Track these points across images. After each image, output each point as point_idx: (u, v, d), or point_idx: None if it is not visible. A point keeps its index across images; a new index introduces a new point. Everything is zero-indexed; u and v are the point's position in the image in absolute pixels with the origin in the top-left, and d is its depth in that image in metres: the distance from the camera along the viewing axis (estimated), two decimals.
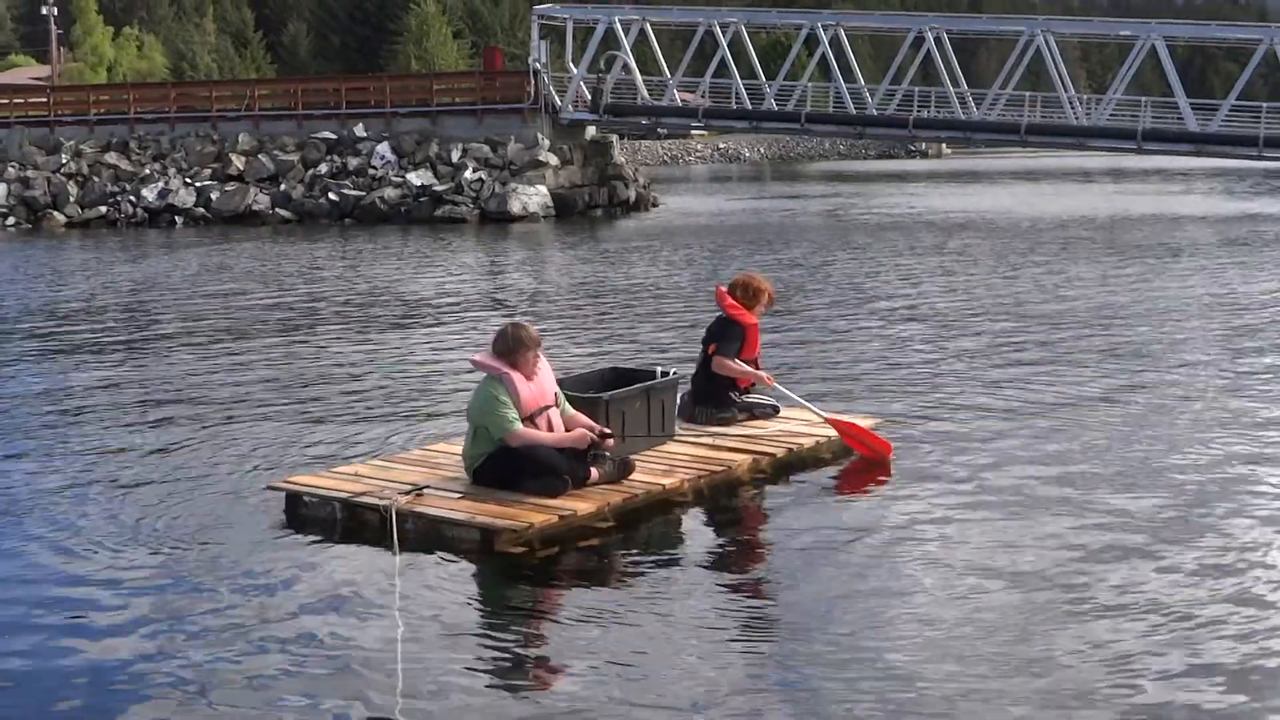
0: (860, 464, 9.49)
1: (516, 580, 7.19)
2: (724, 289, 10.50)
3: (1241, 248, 28.16)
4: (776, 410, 10.27)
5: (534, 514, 7.71)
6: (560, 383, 8.91)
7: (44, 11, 78.56)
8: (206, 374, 13.75)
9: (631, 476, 8.40)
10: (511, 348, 8.24)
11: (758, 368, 10.33)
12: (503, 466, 8.08)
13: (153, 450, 10.20)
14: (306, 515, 8.17)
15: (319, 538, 7.82)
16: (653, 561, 7.49)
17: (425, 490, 8.09)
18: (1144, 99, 42.04)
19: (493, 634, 6.37)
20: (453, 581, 7.09)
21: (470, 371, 8.53)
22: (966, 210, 42.24)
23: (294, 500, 8.29)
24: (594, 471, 8.23)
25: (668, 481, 8.53)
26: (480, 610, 6.78)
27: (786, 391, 10.28)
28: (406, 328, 17.21)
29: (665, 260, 26.60)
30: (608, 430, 8.41)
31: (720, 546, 7.98)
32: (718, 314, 10.52)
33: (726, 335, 10.18)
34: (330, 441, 10.34)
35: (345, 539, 7.81)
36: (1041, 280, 21.89)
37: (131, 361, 14.81)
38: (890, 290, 20.66)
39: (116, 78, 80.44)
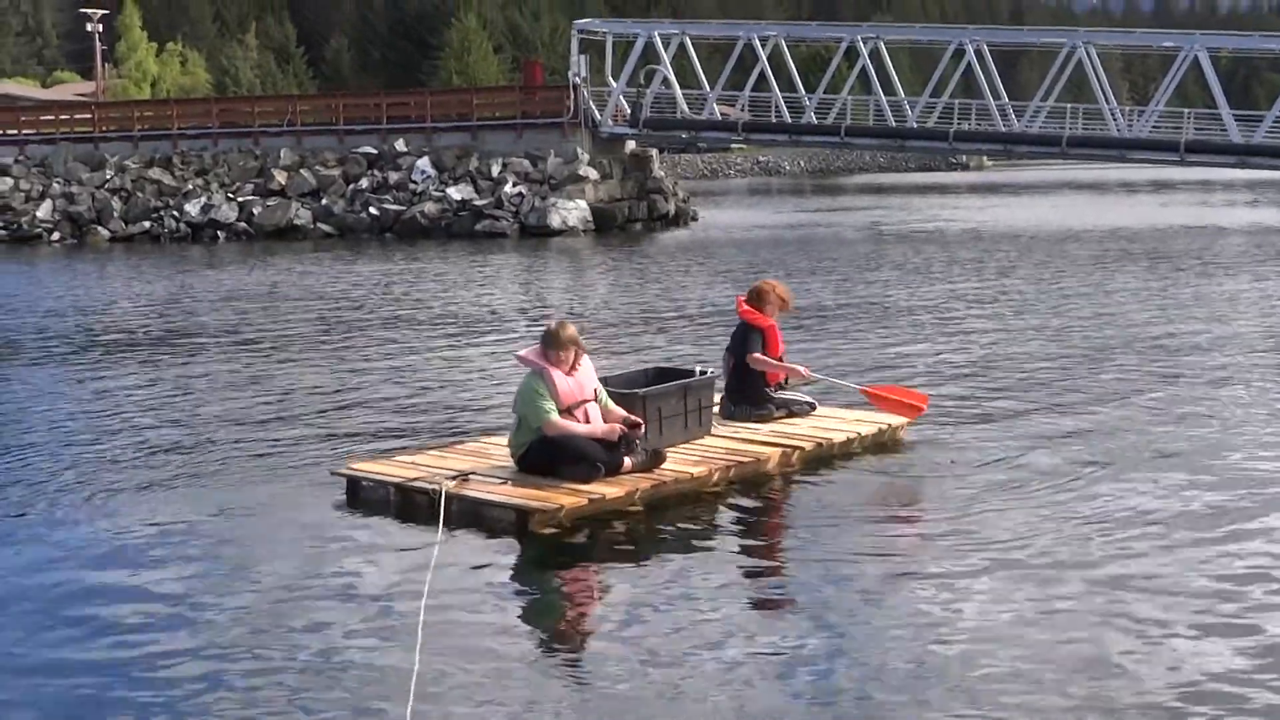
0: (888, 458, 9.67)
1: (547, 557, 7.68)
2: (741, 298, 10.96)
3: None
4: (813, 407, 10.59)
5: (566, 497, 8.16)
6: (607, 380, 9.50)
7: (89, 28, 79.34)
8: (274, 375, 14.28)
9: (662, 465, 8.76)
10: (552, 345, 8.70)
11: None
12: (542, 454, 8.54)
13: (226, 441, 10.77)
14: (365, 498, 8.75)
15: (374, 517, 8.40)
16: (676, 544, 7.85)
17: (471, 476, 8.54)
18: (1187, 110, 41.79)
19: (517, 605, 6.92)
20: (489, 558, 7.58)
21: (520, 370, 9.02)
22: (1012, 223, 42.08)
23: (354, 484, 8.82)
24: (627, 460, 8.59)
25: (697, 470, 8.88)
26: (509, 584, 7.29)
27: (821, 376, 10.84)
28: (459, 335, 17.54)
29: (704, 273, 26.69)
30: (637, 419, 8.80)
31: (741, 532, 8.26)
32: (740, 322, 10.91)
33: (747, 340, 10.59)
34: (392, 434, 11.00)
35: (398, 519, 8.36)
36: (1097, 290, 21.83)
37: (201, 365, 15.20)
38: (932, 300, 20.67)
39: (160, 94, 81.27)
